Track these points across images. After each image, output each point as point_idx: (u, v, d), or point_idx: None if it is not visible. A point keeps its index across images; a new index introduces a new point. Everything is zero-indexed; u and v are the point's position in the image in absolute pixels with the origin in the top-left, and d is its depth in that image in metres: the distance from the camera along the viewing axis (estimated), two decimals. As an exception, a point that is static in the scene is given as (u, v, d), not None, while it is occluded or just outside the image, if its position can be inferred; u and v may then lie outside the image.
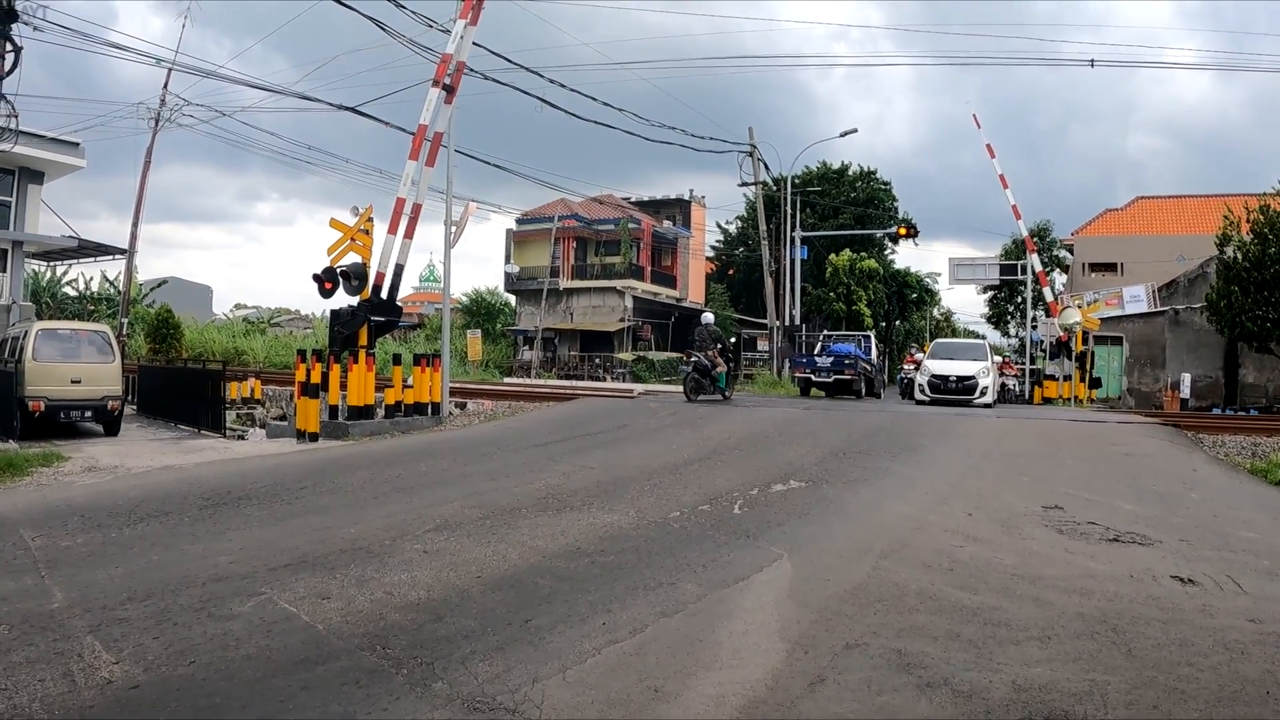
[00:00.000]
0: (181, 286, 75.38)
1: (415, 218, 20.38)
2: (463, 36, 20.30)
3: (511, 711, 5.39)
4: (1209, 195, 56.22)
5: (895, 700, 5.59)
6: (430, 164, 20.68)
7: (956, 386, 28.88)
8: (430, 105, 20.13)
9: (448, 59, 20.22)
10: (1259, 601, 7.96)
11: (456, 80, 20.42)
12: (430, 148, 20.38)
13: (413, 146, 20.30)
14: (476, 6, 20.39)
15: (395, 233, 20.08)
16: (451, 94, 20.38)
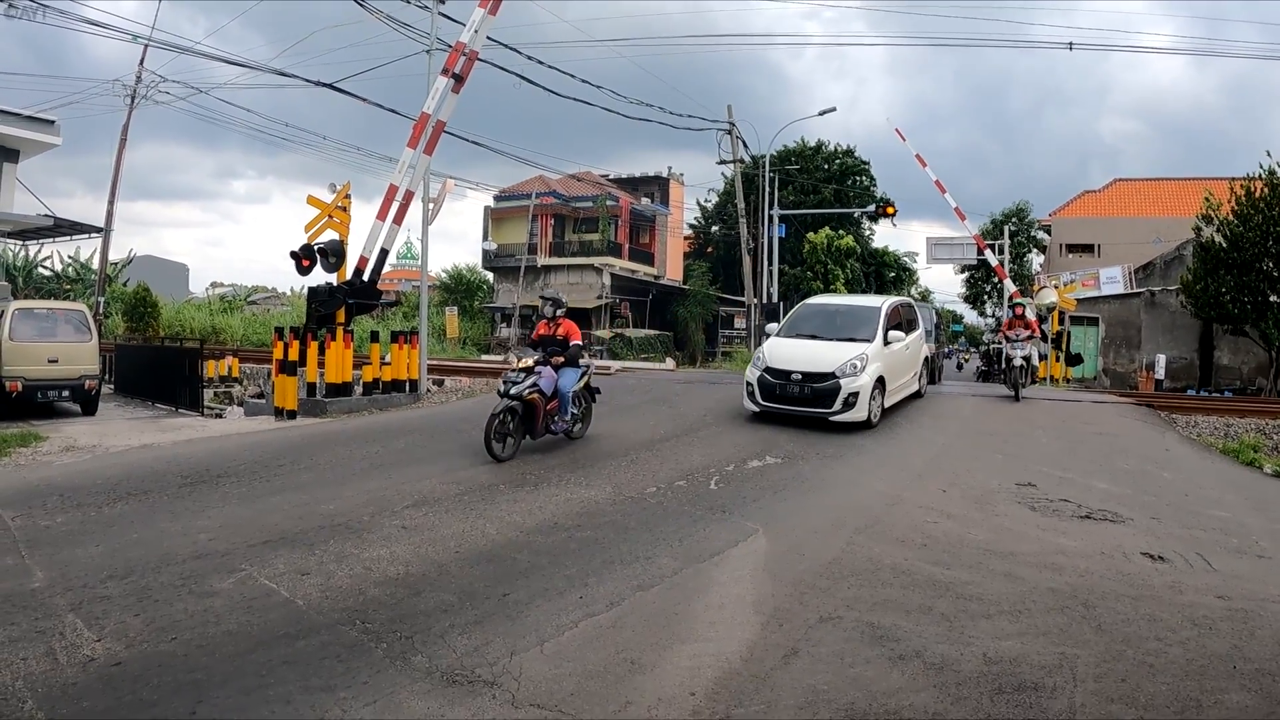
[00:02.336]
0: (158, 264, 75.14)
1: (406, 205, 20.25)
2: (478, 28, 19.97)
3: (490, 684, 5.45)
4: (1186, 179, 56.58)
5: (868, 672, 5.68)
6: (429, 152, 20.51)
7: (801, 392, 15.82)
8: (437, 94, 19.88)
9: (460, 48, 19.87)
10: (1227, 579, 8.09)
11: (467, 70, 20.07)
12: (431, 136, 20.20)
13: (413, 134, 20.12)
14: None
15: (384, 219, 19.95)
16: (460, 84, 20.06)
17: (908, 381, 18.99)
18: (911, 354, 18.94)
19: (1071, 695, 5.40)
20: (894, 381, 17.42)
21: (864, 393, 15.58)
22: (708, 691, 5.39)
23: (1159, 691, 5.51)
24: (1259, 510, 11.45)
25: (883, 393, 16.51)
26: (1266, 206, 31.74)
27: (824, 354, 16.24)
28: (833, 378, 15.61)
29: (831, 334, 17.31)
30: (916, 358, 19.68)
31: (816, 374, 15.80)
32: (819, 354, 16.33)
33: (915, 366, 19.57)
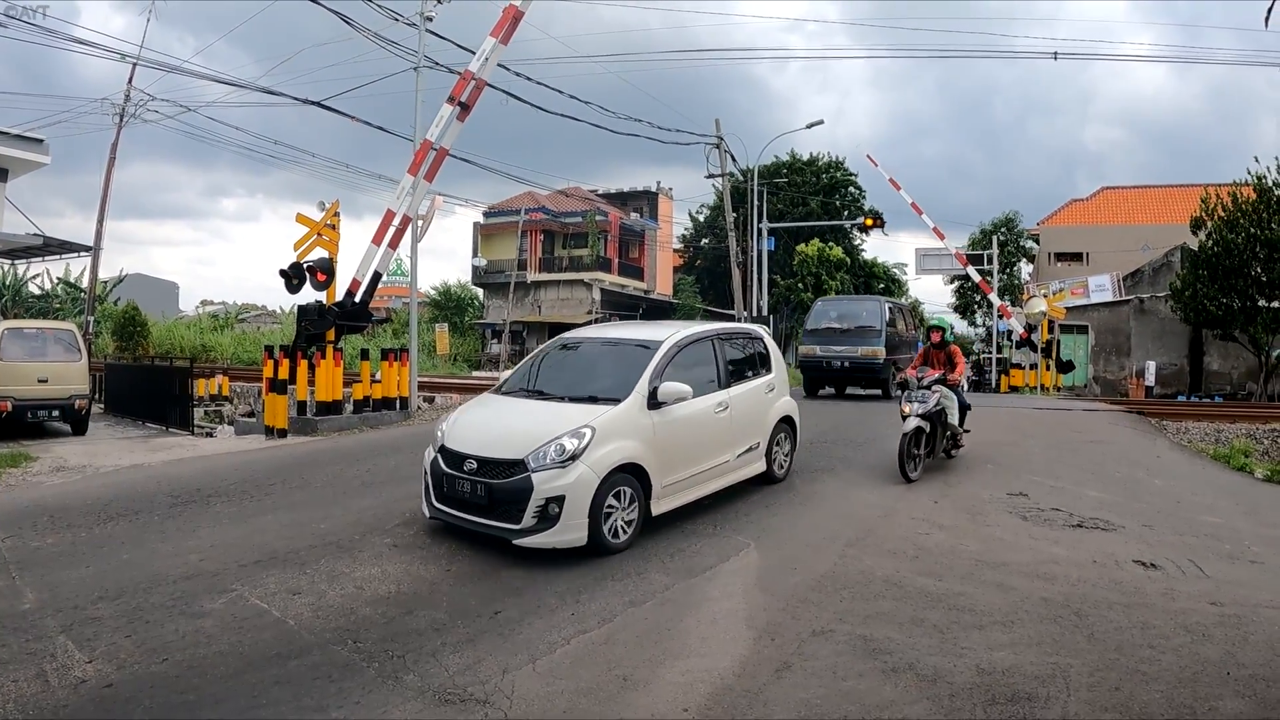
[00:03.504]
0: (148, 283, 74.87)
1: (403, 230, 20.21)
2: (489, 56, 19.83)
3: (482, 702, 5.45)
4: (1173, 186, 56.75)
5: (860, 686, 5.68)
6: (429, 179, 20.43)
7: (474, 492, 8.97)
8: (441, 121, 19.75)
9: (468, 76, 19.69)
10: (1220, 585, 8.10)
11: (474, 98, 19.94)
12: (432, 163, 20.10)
13: (414, 161, 20.02)
14: (510, 27, 19.85)
15: (379, 243, 19.91)
16: (466, 112, 19.91)
17: (727, 464, 10.73)
18: (740, 415, 10.94)
19: (1065, 705, 5.40)
20: (684, 466, 9.87)
21: (577, 497, 8.48)
22: (701, 707, 5.39)
23: (1153, 699, 5.51)
24: (1251, 516, 11.47)
25: (643, 491, 9.25)
26: (1254, 212, 31.89)
27: (527, 425, 9.21)
28: (520, 470, 8.56)
29: (573, 388, 10.08)
30: (755, 420, 11.50)
31: (498, 462, 8.76)
32: (519, 425, 9.35)
33: (752, 435, 11.37)
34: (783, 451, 12.36)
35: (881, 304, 25.46)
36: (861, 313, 25.07)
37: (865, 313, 24.99)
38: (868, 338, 23.95)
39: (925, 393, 12.91)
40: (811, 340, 25.01)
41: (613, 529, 8.81)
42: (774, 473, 12.02)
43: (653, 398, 9.44)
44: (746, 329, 12.85)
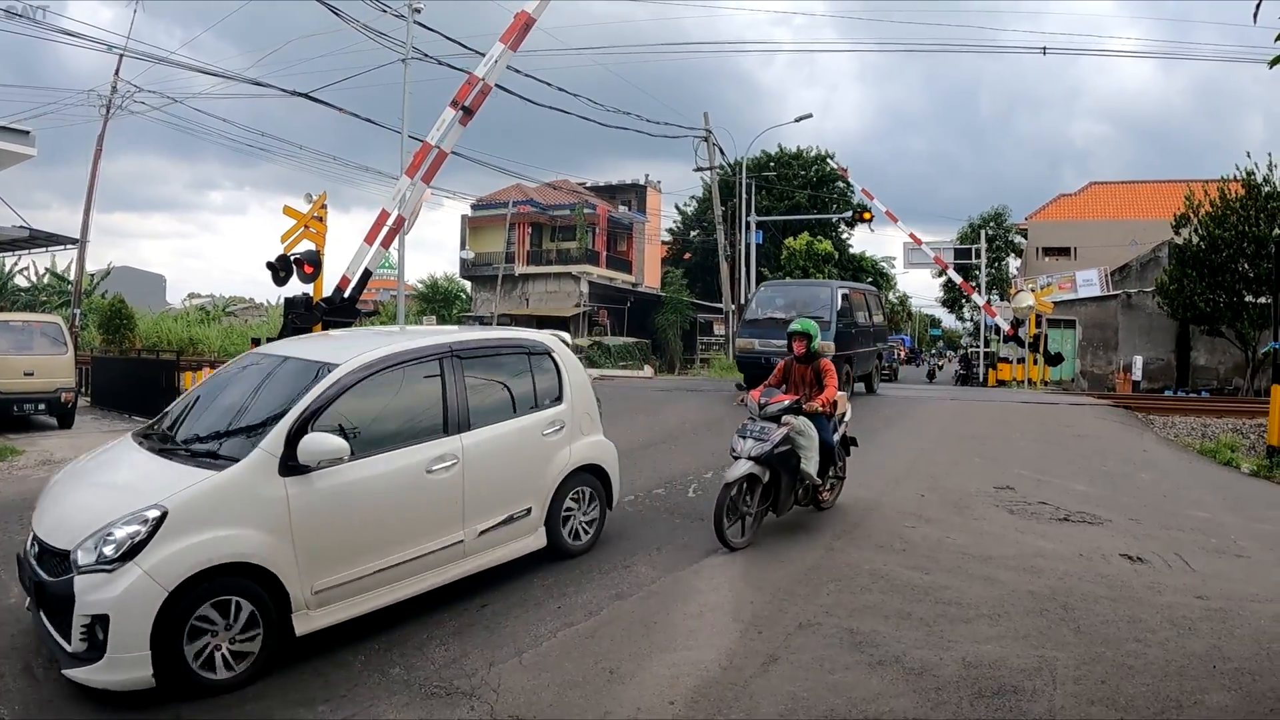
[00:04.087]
0: (134, 276, 74.71)
1: (396, 230, 20.15)
2: (497, 61, 19.66)
3: (469, 696, 5.44)
4: (1161, 181, 56.81)
5: (847, 678, 5.67)
6: (427, 181, 20.32)
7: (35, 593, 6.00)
8: (443, 125, 19.59)
9: (474, 81, 19.49)
10: (1206, 579, 8.12)
11: (478, 103, 19.78)
12: (431, 165, 19.98)
13: (412, 164, 19.87)
14: (521, 33, 19.68)
15: (371, 243, 19.84)
16: (469, 116, 19.77)
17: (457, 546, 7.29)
18: (485, 472, 7.59)
19: (1051, 698, 5.40)
20: (363, 556, 6.55)
21: (129, 618, 5.41)
22: (687, 700, 5.38)
23: (1139, 692, 5.51)
24: (1237, 510, 11.51)
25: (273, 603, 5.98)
26: (1242, 208, 31.99)
27: (99, 497, 6.41)
28: (67, 568, 5.69)
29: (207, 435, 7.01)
30: (519, 476, 8.04)
31: (52, 552, 5.94)
32: (92, 496, 6.51)
33: (514, 499, 7.92)
34: (582, 515, 8.65)
35: (834, 290, 21.57)
36: (810, 300, 21.38)
37: (814, 300, 21.32)
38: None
39: (767, 426, 8.99)
40: (750, 332, 21.71)
41: (208, 661, 5.63)
42: (564, 545, 8.35)
43: (289, 458, 6.16)
44: (522, 340, 8.88)
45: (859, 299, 23.32)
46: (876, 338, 23.56)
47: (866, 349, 22.31)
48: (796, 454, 9.26)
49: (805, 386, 10.01)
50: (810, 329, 10.07)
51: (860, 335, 22.37)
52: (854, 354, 21.52)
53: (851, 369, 20.97)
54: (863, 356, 21.62)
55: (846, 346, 20.65)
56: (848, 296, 22.03)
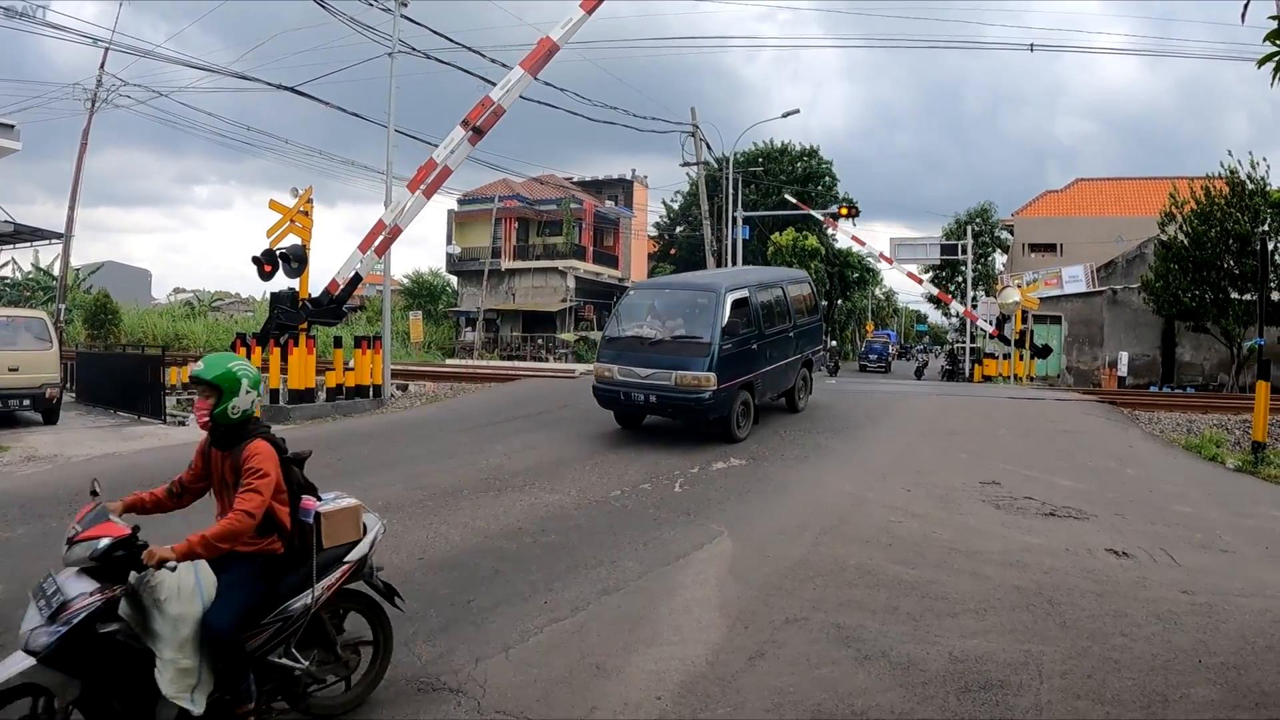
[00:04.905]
0: (120, 271, 74.33)
1: (391, 239, 20.11)
2: (513, 86, 19.50)
3: (455, 691, 5.42)
4: (1147, 178, 56.96)
5: (834, 673, 5.68)
6: (428, 196, 20.21)
7: None
8: (452, 144, 19.46)
9: (488, 103, 19.32)
10: (1192, 573, 8.14)
11: (489, 125, 19.65)
12: (433, 181, 19.86)
13: (415, 179, 19.78)
14: (543, 59, 19.49)
15: (365, 250, 19.82)
16: (479, 136, 19.61)
17: None
18: None
19: (1038, 692, 5.41)
20: None
21: None
22: (674, 695, 5.38)
23: (1125, 687, 5.53)
24: (1222, 505, 11.54)
25: None
26: (1226, 205, 32.10)
27: None
28: None
29: None
30: None
31: None
32: None
33: None
34: None
35: (720, 295, 15.01)
36: (686, 310, 15.56)
37: (691, 310, 15.45)
38: (688, 354, 14.46)
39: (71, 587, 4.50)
40: (609, 354, 15.52)
41: None
42: None
43: None
44: None
45: (772, 299, 17.23)
46: (803, 342, 18.11)
47: (782, 362, 16.93)
48: (140, 648, 4.45)
49: (229, 491, 5.29)
50: (219, 375, 5.01)
51: (772, 347, 16.48)
52: (761, 375, 15.86)
53: (754, 396, 15.51)
54: (776, 374, 16.63)
55: (747, 368, 15.29)
56: (745, 302, 15.71)
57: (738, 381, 14.83)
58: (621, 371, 14.94)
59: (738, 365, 14.89)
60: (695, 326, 14.85)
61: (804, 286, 19.47)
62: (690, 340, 14.63)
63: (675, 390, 14.28)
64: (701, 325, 14.75)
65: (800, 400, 18.29)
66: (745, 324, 15.47)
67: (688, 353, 14.43)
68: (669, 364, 14.39)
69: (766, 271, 23.58)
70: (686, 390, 14.17)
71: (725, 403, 14.47)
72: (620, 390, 14.92)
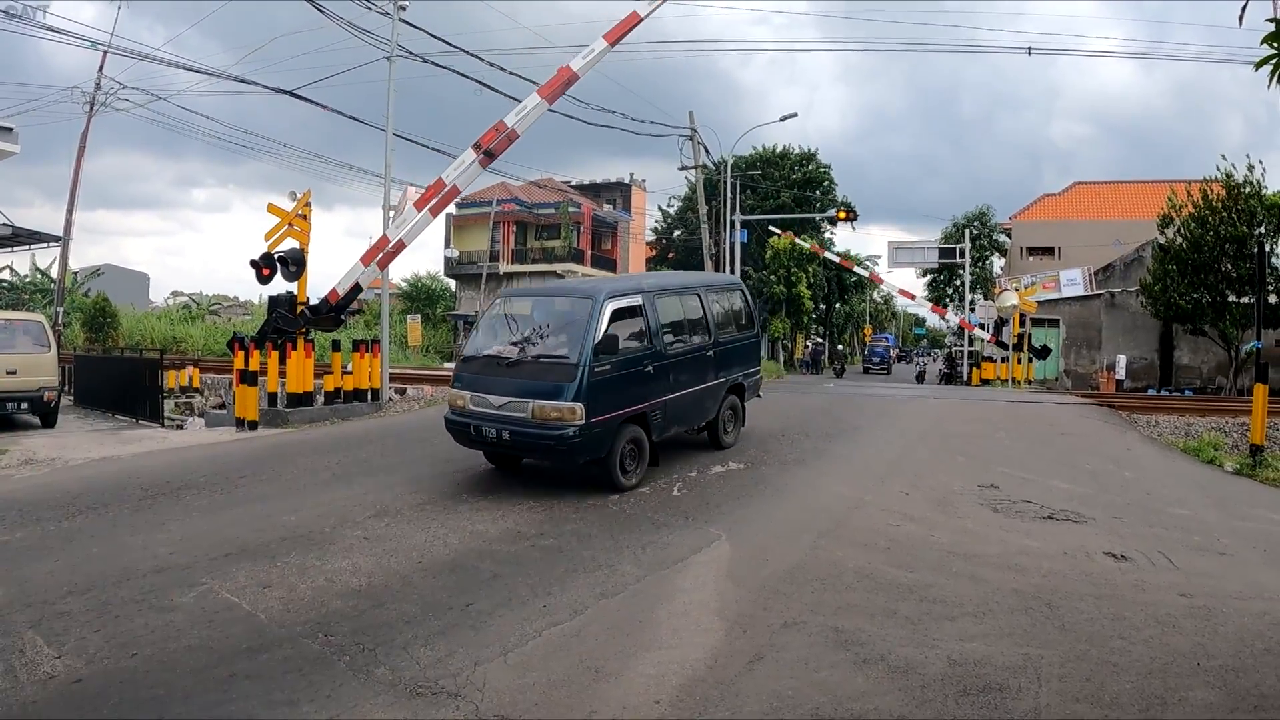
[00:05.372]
0: (118, 274, 74.28)
1: (394, 254, 20.12)
2: (528, 113, 19.45)
3: (454, 695, 5.43)
4: (1145, 181, 57.01)
5: (833, 677, 5.68)
6: (434, 214, 20.18)
7: None
8: (462, 166, 19.39)
9: (501, 128, 19.27)
10: (1190, 576, 8.15)
11: (501, 149, 19.61)
12: (440, 201, 19.84)
13: (422, 197, 19.72)
14: (561, 88, 19.42)
15: (368, 263, 19.81)
16: (490, 159, 19.54)
17: None
18: None
19: (1036, 696, 5.42)
20: None
21: None
22: (672, 699, 5.38)
23: (1123, 690, 5.53)
24: (1220, 508, 11.56)
25: None
26: (1223, 208, 32.16)
27: None
28: None
29: None
30: None
31: None
32: None
33: None
34: None
35: (598, 306, 11.47)
36: (555, 322, 12.14)
37: (561, 322, 12.06)
38: (551, 378, 11.20)
39: None
40: (464, 377, 12.25)
41: None
42: None
43: None
44: None
45: (682, 309, 13.68)
46: (730, 363, 14.29)
47: (695, 388, 13.19)
48: None
49: None
50: None
51: (679, 369, 12.80)
52: (662, 404, 12.25)
53: (650, 431, 12.03)
54: (685, 403, 12.91)
55: (637, 396, 11.78)
56: (637, 312, 12.23)
57: (621, 413, 11.40)
58: (474, 400, 11.66)
59: (621, 392, 11.47)
60: (561, 344, 11.55)
61: (734, 296, 15.42)
62: (554, 361, 11.32)
63: (533, 425, 10.91)
64: (569, 342, 11.42)
65: (727, 435, 14.32)
66: (637, 340, 12.02)
67: (550, 376, 11.12)
68: (527, 391, 11.11)
69: (683, 276, 19.95)
70: (545, 425, 10.81)
71: (600, 441, 11.07)
72: (471, 424, 11.59)
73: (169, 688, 5.55)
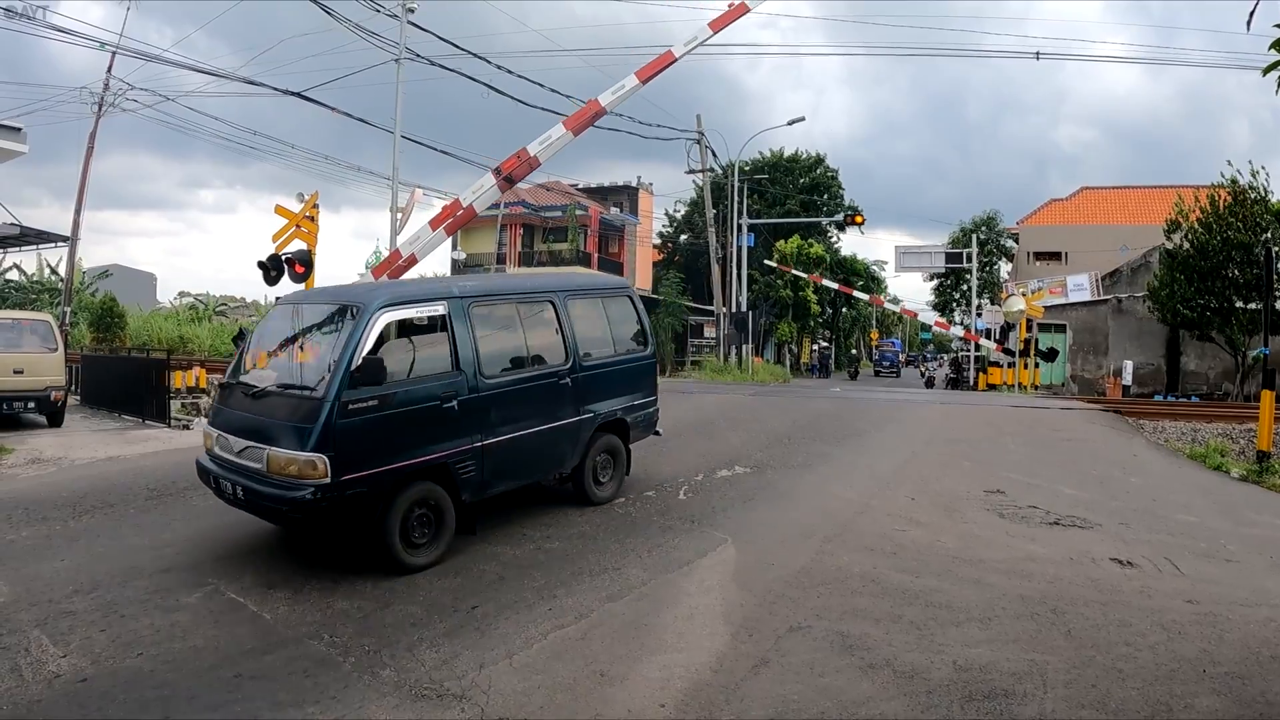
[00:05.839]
0: (125, 274, 74.35)
1: (407, 267, 20.19)
2: (552, 143, 19.48)
3: (459, 698, 5.43)
4: (1152, 186, 56.94)
5: (838, 681, 5.68)
6: (449, 233, 20.21)
7: None
8: (482, 190, 19.41)
9: (524, 155, 19.32)
10: (1196, 583, 8.13)
11: (521, 175, 19.64)
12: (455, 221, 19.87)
13: (438, 217, 19.83)
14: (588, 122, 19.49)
15: (378, 276, 19.87)
16: (510, 185, 19.60)
17: None
18: None
19: (1042, 701, 5.41)
20: None
21: None
22: (678, 703, 5.38)
23: (1129, 696, 5.53)
24: (1226, 514, 11.53)
25: None
26: (1230, 214, 32.10)
27: None
28: None
29: None
30: None
31: None
32: None
33: None
34: None
35: (367, 315, 8.12)
36: (313, 340, 9.07)
37: (317, 340, 8.96)
38: (290, 417, 7.93)
39: None
40: (219, 409, 9.20)
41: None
42: None
43: None
44: None
45: (518, 322, 10.18)
46: (603, 389, 10.77)
47: (535, 428, 9.64)
48: None
49: None
50: None
51: (509, 402, 9.38)
52: (473, 452, 8.78)
53: (458, 489, 8.62)
54: (519, 449, 9.43)
55: (425, 442, 8.38)
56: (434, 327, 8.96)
57: (399, 467, 8.03)
58: (218, 442, 8.63)
59: (400, 438, 8.13)
60: (312, 370, 8.39)
61: (616, 304, 11.84)
62: (297, 394, 8.07)
63: (267, 481, 7.81)
64: (318, 367, 8.25)
65: (600, 487, 10.76)
66: (434, 364, 8.78)
67: (290, 415, 7.94)
68: (265, 433, 8.00)
69: (527, 279, 15.93)
70: (280, 483, 7.69)
71: (360, 506, 7.77)
72: (213, 473, 8.51)
73: (174, 688, 5.56)
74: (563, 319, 10.42)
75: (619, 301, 11.90)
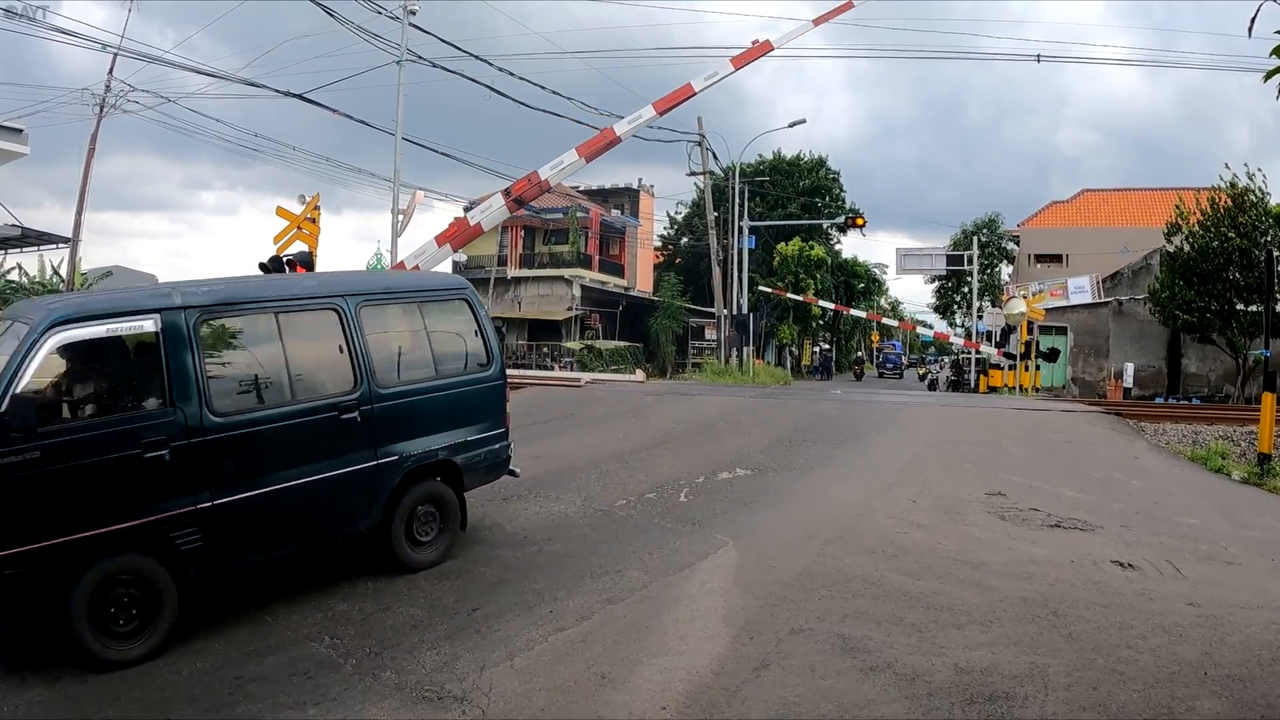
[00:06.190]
0: (127, 275, 74.33)
1: None
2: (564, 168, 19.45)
3: (460, 700, 5.43)
4: (1153, 189, 56.88)
5: (839, 684, 5.67)
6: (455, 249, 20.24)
7: None
8: (490, 209, 19.48)
9: (535, 179, 19.38)
10: (1197, 586, 8.11)
11: (531, 197, 19.69)
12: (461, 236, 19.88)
13: (446, 232, 19.92)
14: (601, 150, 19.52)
15: None
16: (519, 206, 19.65)
17: None
18: None
19: (1043, 704, 5.41)
20: None
21: None
22: (679, 705, 5.38)
23: (1130, 699, 5.52)
24: (1227, 517, 11.51)
25: None
26: (1230, 217, 32.09)
27: None
28: None
29: None
30: None
31: None
32: None
33: None
34: None
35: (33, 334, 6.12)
36: None
37: None
38: None
39: None
40: None
41: None
42: None
43: None
44: None
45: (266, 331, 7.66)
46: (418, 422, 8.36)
47: (301, 480, 7.28)
48: None
49: None
50: None
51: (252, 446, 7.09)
52: (195, 517, 6.57)
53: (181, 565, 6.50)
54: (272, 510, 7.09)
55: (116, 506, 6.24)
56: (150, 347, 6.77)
57: (75, 539, 6.00)
58: None
59: (79, 498, 6.11)
60: None
61: (446, 312, 9.61)
62: None
63: None
64: None
65: (417, 548, 8.20)
66: (129, 398, 7.03)
67: None
68: None
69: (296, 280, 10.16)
70: None
71: (17, 592, 5.83)
72: None
73: (175, 689, 5.57)
74: (350, 332, 7.97)
75: (449, 307, 9.57)
